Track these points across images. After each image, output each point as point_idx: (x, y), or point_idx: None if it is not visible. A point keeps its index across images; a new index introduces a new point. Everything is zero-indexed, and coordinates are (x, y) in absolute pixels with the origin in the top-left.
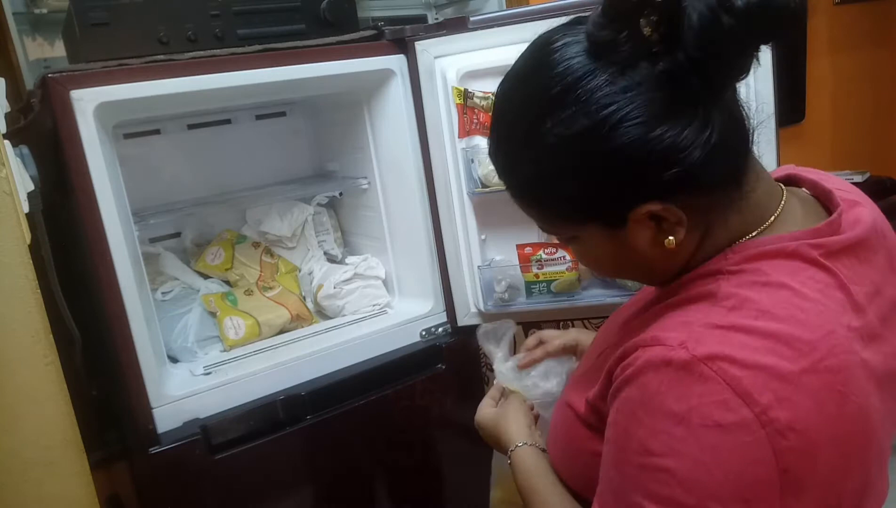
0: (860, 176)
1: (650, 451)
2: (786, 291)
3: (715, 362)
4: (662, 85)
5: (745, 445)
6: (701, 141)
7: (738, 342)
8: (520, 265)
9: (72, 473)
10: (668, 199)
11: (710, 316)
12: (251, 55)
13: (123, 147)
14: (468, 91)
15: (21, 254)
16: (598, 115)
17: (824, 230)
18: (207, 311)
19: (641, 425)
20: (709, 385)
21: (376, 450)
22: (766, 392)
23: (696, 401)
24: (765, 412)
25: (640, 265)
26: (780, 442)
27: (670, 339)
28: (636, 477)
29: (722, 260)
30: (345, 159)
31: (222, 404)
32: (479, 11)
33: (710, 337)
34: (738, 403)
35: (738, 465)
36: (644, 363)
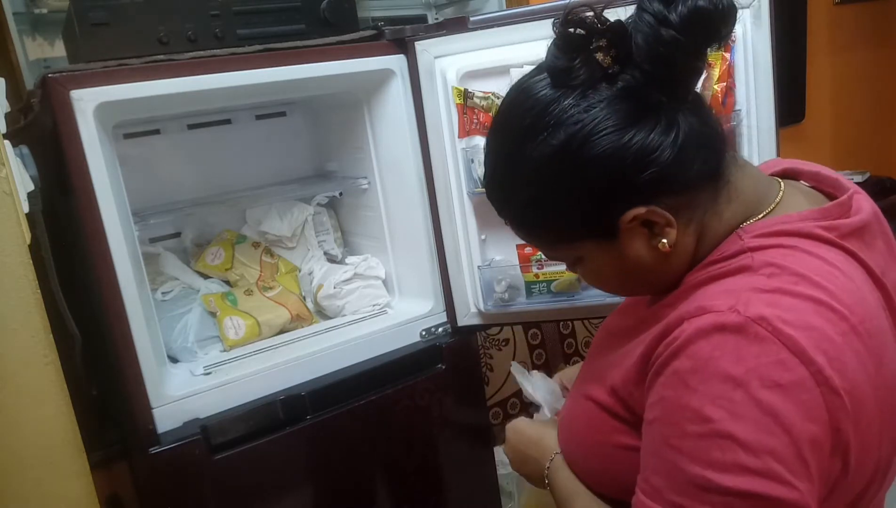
0: (860, 176)
1: (708, 418)
2: (817, 260)
3: (769, 322)
4: (623, 99)
5: (804, 403)
6: (669, 141)
7: (786, 304)
8: (520, 265)
9: (72, 473)
10: (652, 202)
11: (752, 283)
12: (251, 55)
13: (123, 147)
14: (468, 91)
15: (21, 254)
16: (567, 133)
17: (833, 211)
18: (207, 311)
19: (696, 393)
20: (765, 345)
21: (376, 450)
22: (818, 352)
23: (754, 362)
24: (820, 371)
25: (645, 274)
26: (834, 401)
27: (718, 306)
28: (693, 448)
29: (737, 241)
30: (345, 159)
31: (222, 404)
32: (479, 11)
33: (758, 301)
34: (795, 362)
35: (798, 424)
36: (694, 331)
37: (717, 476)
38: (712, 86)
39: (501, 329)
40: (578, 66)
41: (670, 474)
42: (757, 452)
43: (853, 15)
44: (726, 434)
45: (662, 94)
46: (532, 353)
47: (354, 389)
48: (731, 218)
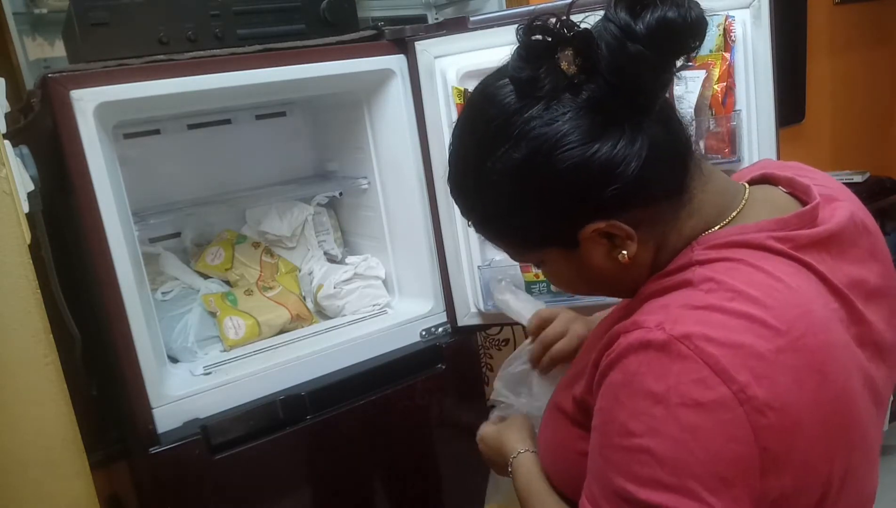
0: (860, 176)
1: (631, 432)
2: (761, 274)
3: (692, 340)
4: (588, 111)
5: (725, 423)
6: (633, 155)
7: (714, 321)
8: (520, 265)
9: (72, 473)
10: (613, 216)
11: (687, 299)
12: (251, 55)
13: (123, 147)
14: (468, 91)
15: (21, 254)
16: (530, 147)
17: (792, 222)
18: (207, 311)
19: (623, 407)
20: (686, 363)
21: (376, 450)
22: (743, 370)
23: (675, 380)
24: (742, 389)
25: (604, 280)
26: (759, 420)
27: (648, 322)
28: (618, 460)
29: (689, 254)
30: (345, 159)
31: (222, 404)
32: (479, 11)
33: (687, 318)
34: (716, 381)
35: (717, 443)
36: (625, 346)
37: (635, 489)
38: (712, 86)
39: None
40: (542, 75)
41: (602, 482)
42: (673, 469)
43: (853, 15)
44: (646, 449)
45: (628, 106)
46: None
47: (354, 389)
48: (690, 231)
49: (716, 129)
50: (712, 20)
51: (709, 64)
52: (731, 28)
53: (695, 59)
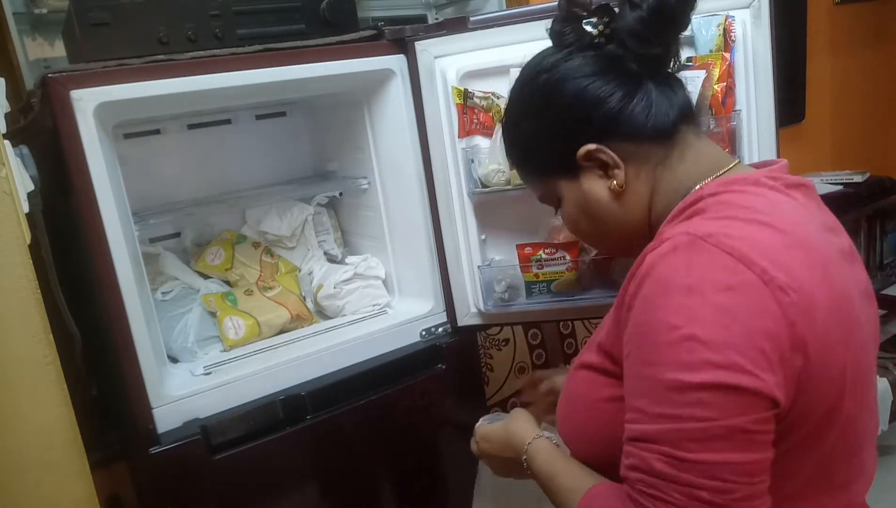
0: (860, 176)
1: (673, 326)
2: (762, 198)
3: (713, 237)
4: (601, 59)
5: (754, 300)
6: (626, 90)
7: (732, 225)
8: (520, 265)
9: (72, 473)
10: (603, 141)
11: (704, 217)
12: (251, 55)
13: (123, 147)
14: (468, 91)
15: (21, 254)
16: (546, 77)
17: (776, 171)
18: (207, 311)
19: (660, 308)
20: (712, 255)
21: (376, 450)
22: (762, 257)
23: (704, 270)
24: (765, 271)
25: (606, 217)
26: (783, 298)
27: (672, 234)
28: (666, 356)
29: (700, 192)
30: (345, 159)
31: (222, 404)
32: (479, 11)
33: (707, 225)
34: (741, 267)
35: (751, 318)
36: (654, 257)
37: (687, 375)
38: (712, 87)
39: (501, 329)
40: (568, 31)
41: (650, 389)
42: (718, 348)
43: (853, 15)
44: (690, 337)
45: (638, 66)
46: (532, 353)
47: (354, 389)
48: (683, 174)
49: (716, 129)
50: (712, 20)
51: (709, 64)
52: (731, 28)
53: (695, 59)
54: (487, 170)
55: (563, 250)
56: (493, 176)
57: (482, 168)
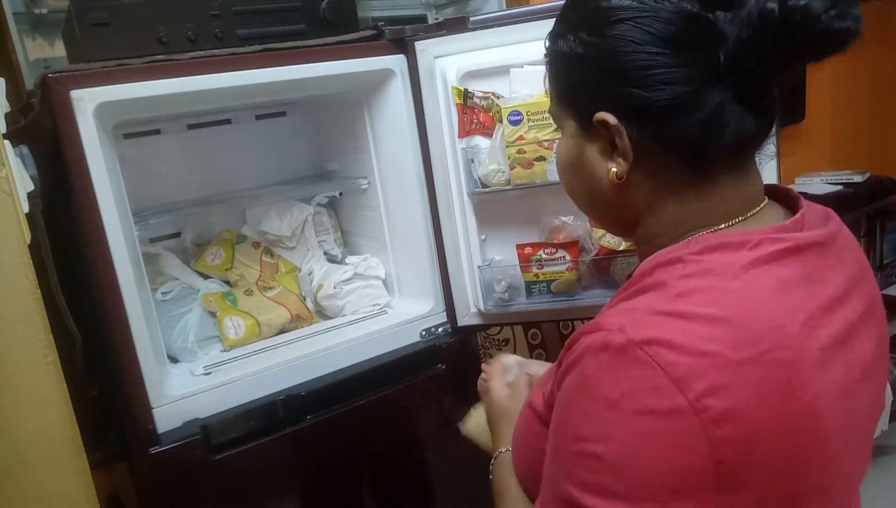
0: (860, 176)
1: (582, 437)
2: (738, 282)
3: (652, 346)
4: (693, 35)
5: (678, 432)
6: (680, 88)
7: (679, 328)
8: (520, 265)
9: (72, 473)
10: (626, 120)
11: (655, 304)
12: (251, 55)
13: (123, 147)
14: (468, 91)
15: (21, 254)
16: (632, 4)
17: (790, 227)
18: (207, 311)
19: (576, 411)
20: (644, 369)
21: (376, 450)
22: (702, 379)
23: (630, 386)
24: (699, 399)
25: (589, 184)
26: (715, 431)
27: (611, 324)
28: (569, 465)
29: (683, 248)
30: (345, 159)
31: (222, 404)
32: (479, 11)
33: (650, 323)
34: (673, 389)
35: (669, 453)
36: (584, 348)
37: (580, 495)
38: None
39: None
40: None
41: (551, 485)
42: (621, 476)
43: None
44: (595, 455)
45: (728, 70)
46: (532, 353)
47: (354, 389)
48: (693, 213)
49: None
50: None
51: None
52: None
53: None
54: (487, 170)
55: (563, 250)
56: (493, 176)
57: (482, 168)
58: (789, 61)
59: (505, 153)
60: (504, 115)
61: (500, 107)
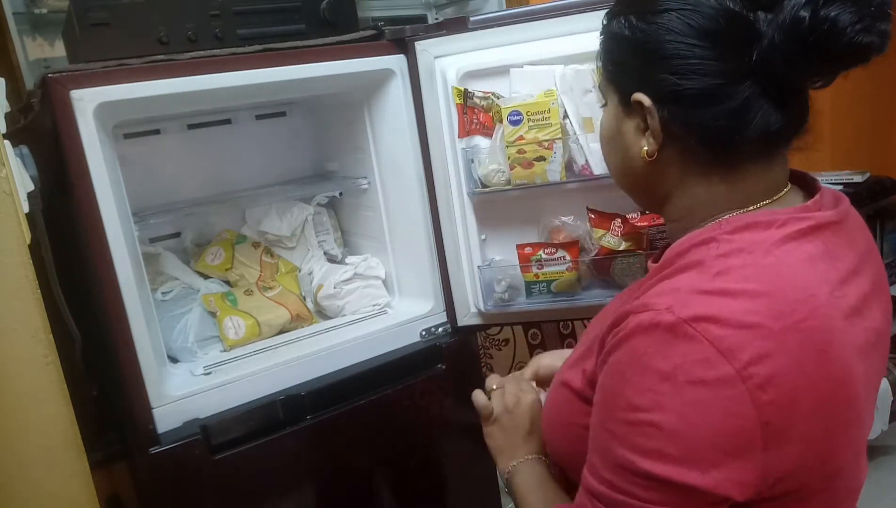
0: (860, 176)
1: (637, 407)
2: (771, 258)
3: (700, 323)
4: (732, 30)
5: (727, 399)
6: (712, 79)
7: (722, 304)
8: (520, 265)
9: (72, 473)
10: (660, 103)
11: (697, 283)
12: (251, 55)
13: (123, 147)
14: (468, 91)
15: (21, 254)
16: None
17: (811, 207)
18: (207, 311)
19: (629, 384)
20: (693, 344)
21: (376, 450)
22: (747, 349)
23: (681, 360)
24: (745, 367)
25: (624, 160)
26: (761, 396)
27: (658, 304)
28: (623, 433)
29: (716, 229)
30: (345, 159)
31: (222, 404)
32: (479, 11)
33: (696, 301)
34: (721, 360)
35: (720, 418)
36: (634, 327)
37: (639, 459)
38: None
39: (501, 329)
40: None
41: (604, 454)
42: (677, 441)
43: None
44: (652, 423)
45: (760, 69)
46: (532, 353)
47: (354, 389)
48: (715, 197)
49: None
50: None
51: None
52: None
53: None
54: (487, 170)
55: (563, 250)
56: (493, 176)
57: (482, 168)
58: (814, 68)
59: (505, 153)
60: (504, 115)
61: (500, 107)
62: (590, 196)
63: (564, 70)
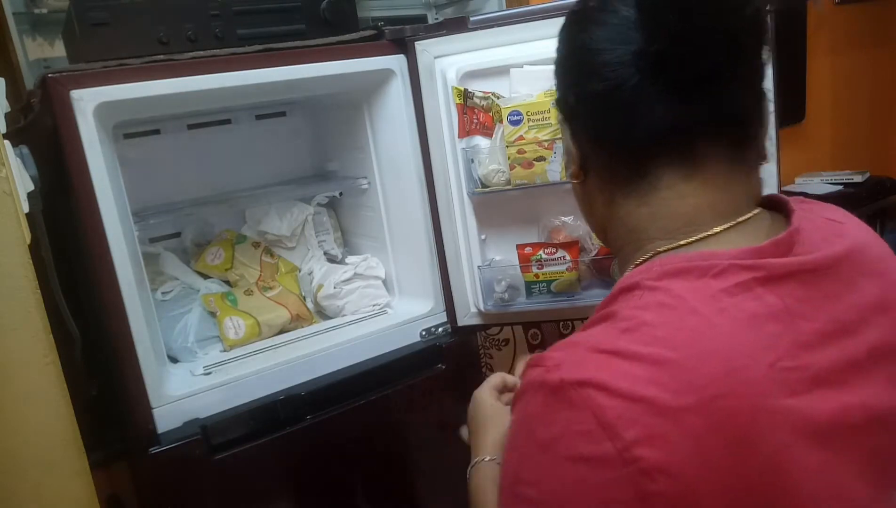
0: (860, 176)
1: (519, 478)
2: (695, 318)
3: (585, 388)
4: (636, 32)
5: (607, 483)
6: (605, 84)
7: (616, 368)
8: (520, 265)
9: (72, 473)
10: (571, 120)
11: (599, 338)
12: (251, 55)
13: (123, 147)
14: (468, 91)
15: (21, 254)
16: (579, 13)
17: (767, 250)
18: (207, 311)
19: (515, 450)
20: (575, 412)
21: (376, 450)
22: (634, 426)
23: (562, 429)
24: (628, 448)
25: (573, 187)
26: (648, 486)
27: (549, 360)
28: (504, 499)
29: (644, 272)
30: (345, 159)
31: (222, 404)
32: (479, 11)
33: (589, 361)
34: (602, 436)
35: (601, 504)
36: (526, 383)
37: None
38: None
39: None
40: None
41: None
42: None
43: (853, 15)
44: (528, 499)
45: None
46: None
47: (354, 389)
48: (643, 221)
49: None
50: None
51: None
52: None
53: None
54: (487, 170)
55: (563, 250)
56: (493, 176)
57: (482, 168)
58: None
59: (505, 153)
60: (504, 115)
61: (500, 107)
62: None
63: None
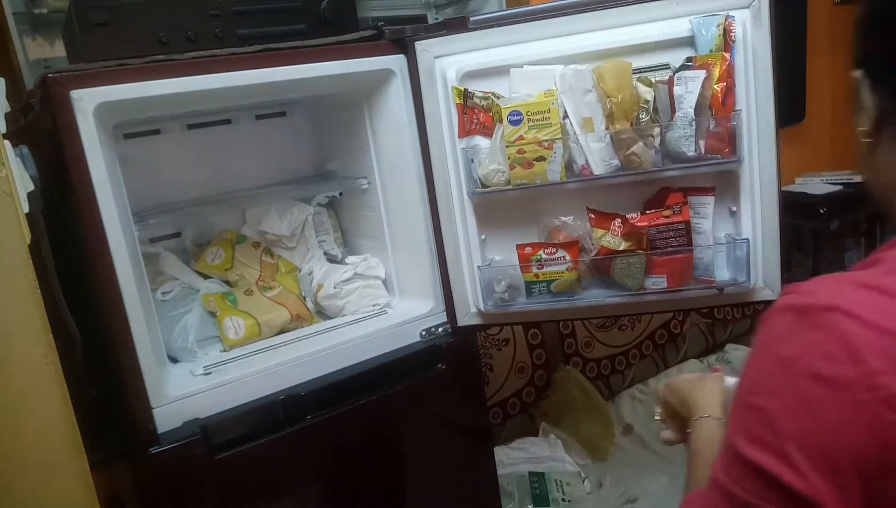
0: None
1: (752, 390)
2: None
3: (834, 313)
4: None
5: (842, 404)
6: None
7: (871, 301)
8: (520, 265)
9: (72, 473)
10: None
11: (864, 276)
12: (251, 55)
13: (123, 147)
14: (468, 91)
15: (21, 254)
16: None
17: None
18: (207, 311)
19: (753, 365)
20: (822, 333)
21: (376, 450)
22: (882, 356)
23: (805, 348)
24: (872, 375)
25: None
26: (886, 414)
27: (803, 287)
28: (738, 414)
29: None
30: (345, 159)
31: (222, 404)
32: (479, 11)
33: (844, 292)
34: (846, 359)
35: (832, 424)
36: (773, 308)
37: (742, 444)
38: (712, 86)
39: (501, 329)
40: None
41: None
42: (779, 433)
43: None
44: (760, 408)
45: None
46: (532, 353)
47: (354, 389)
48: None
49: (716, 129)
50: (712, 20)
51: (709, 64)
52: (731, 28)
53: (696, 59)
54: (487, 170)
55: (563, 250)
56: (493, 176)
57: (482, 168)
58: None
59: (505, 153)
60: (504, 115)
61: (500, 107)
62: (589, 196)
63: (564, 70)
